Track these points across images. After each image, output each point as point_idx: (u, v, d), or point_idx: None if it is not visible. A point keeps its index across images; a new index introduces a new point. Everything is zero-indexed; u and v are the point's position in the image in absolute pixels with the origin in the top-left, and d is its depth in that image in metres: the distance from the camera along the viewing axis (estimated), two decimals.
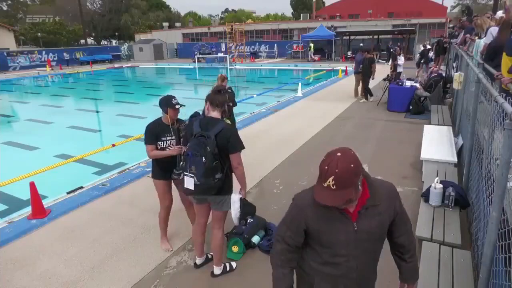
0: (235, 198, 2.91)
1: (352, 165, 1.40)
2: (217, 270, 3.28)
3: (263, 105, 11.48)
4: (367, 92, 11.39)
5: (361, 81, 11.91)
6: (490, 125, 3.12)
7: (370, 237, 1.61)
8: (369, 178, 1.59)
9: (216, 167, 2.74)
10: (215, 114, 2.92)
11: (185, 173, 2.80)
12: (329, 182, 1.39)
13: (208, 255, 3.49)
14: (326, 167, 1.41)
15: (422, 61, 16.08)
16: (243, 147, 2.91)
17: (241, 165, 2.92)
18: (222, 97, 2.95)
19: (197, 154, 2.70)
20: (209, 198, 2.99)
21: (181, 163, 2.88)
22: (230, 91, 5.50)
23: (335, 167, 1.39)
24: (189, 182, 2.78)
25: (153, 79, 23.55)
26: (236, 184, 3.00)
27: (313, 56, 28.81)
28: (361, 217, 1.58)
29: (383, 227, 1.65)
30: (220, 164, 2.79)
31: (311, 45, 29.10)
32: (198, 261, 3.42)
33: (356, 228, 1.58)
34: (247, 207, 2.96)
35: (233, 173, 2.99)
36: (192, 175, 2.73)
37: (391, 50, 22.71)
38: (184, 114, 3.59)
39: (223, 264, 3.32)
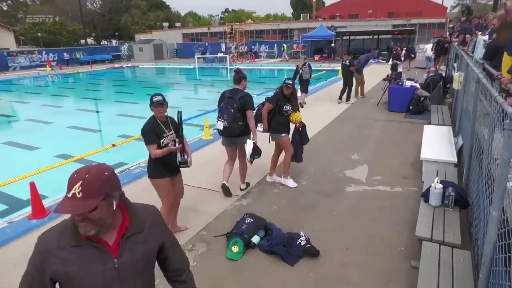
0: (249, 142, 4.54)
1: (106, 173, 1.28)
2: (243, 185, 4.99)
3: None
4: (342, 94, 11.23)
5: (361, 82, 11.92)
6: (490, 125, 3.12)
7: (134, 271, 1.40)
8: (129, 202, 1.44)
9: (238, 117, 4.39)
10: (239, 86, 4.53)
11: (218, 118, 4.46)
12: (75, 189, 1.19)
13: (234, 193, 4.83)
14: (75, 175, 1.23)
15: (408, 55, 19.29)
16: (254, 107, 4.58)
17: (253, 118, 4.55)
18: (240, 75, 4.56)
19: (228, 107, 4.36)
20: (237, 140, 4.59)
21: (219, 114, 4.48)
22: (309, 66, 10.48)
23: (85, 173, 1.22)
24: (220, 125, 4.43)
25: (153, 79, 23.55)
26: None
27: (286, 57, 29.87)
28: (123, 249, 1.36)
29: (149, 256, 1.46)
30: (241, 116, 4.41)
31: (284, 45, 30.85)
32: (226, 183, 4.77)
33: (117, 265, 1.35)
34: (257, 148, 4.60)
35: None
36: (223, 120, 4.37)
37: (390, 48, 22.85)
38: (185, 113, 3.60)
39: (245, 183, 5.03)
